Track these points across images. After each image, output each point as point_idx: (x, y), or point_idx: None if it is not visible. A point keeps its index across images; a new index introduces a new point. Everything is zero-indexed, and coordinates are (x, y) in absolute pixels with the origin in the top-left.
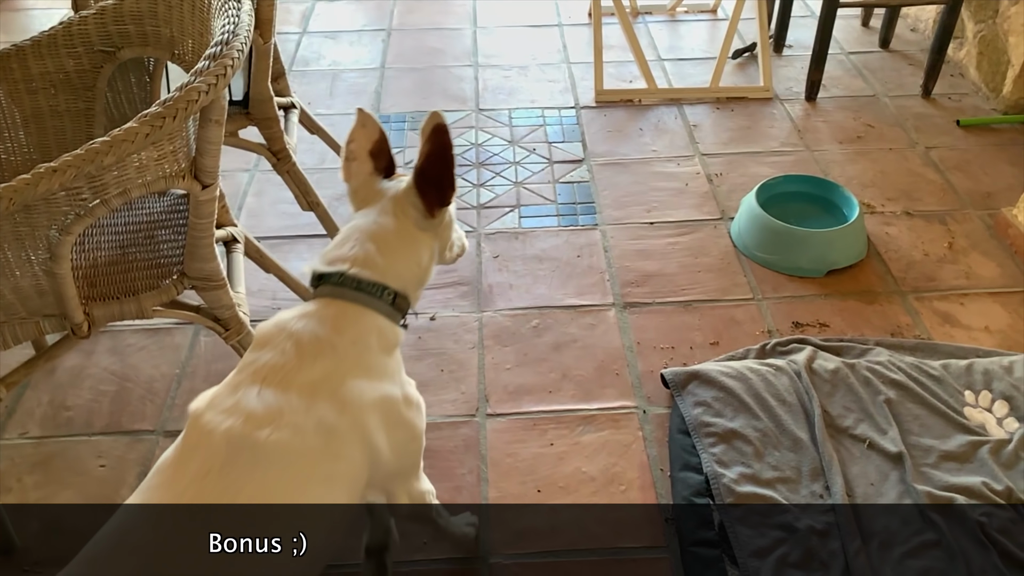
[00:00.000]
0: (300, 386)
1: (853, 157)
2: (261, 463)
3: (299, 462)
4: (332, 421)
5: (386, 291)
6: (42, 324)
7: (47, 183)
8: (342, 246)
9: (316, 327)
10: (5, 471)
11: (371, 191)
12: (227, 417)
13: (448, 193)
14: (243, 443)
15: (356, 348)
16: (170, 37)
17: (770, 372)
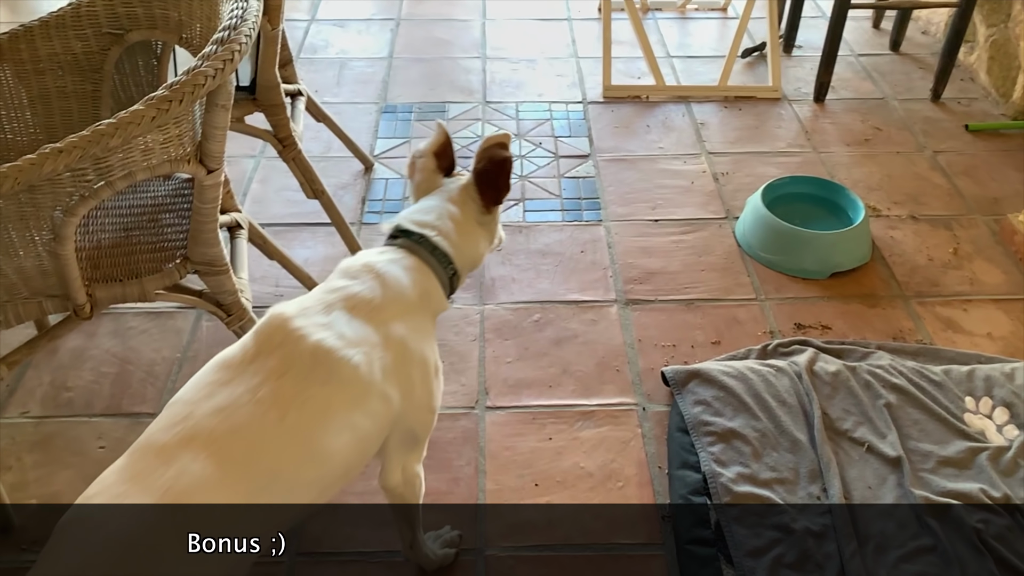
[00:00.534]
0: (379, 324)
1: (860, 160)
2: (334, 381)
3: (360, 392)
4: (392, 365)
5: (451, 265)
6: (45, 304)
7: (52, 164)
8: (427, 214)
9: (399, 273)
10: (5, 449)
11: (433, 185)
12: (320, 330)
13: (503, 194)
14: (328, 358)
15: (421, 303)
16: (178, 20)
17: (771, 373)
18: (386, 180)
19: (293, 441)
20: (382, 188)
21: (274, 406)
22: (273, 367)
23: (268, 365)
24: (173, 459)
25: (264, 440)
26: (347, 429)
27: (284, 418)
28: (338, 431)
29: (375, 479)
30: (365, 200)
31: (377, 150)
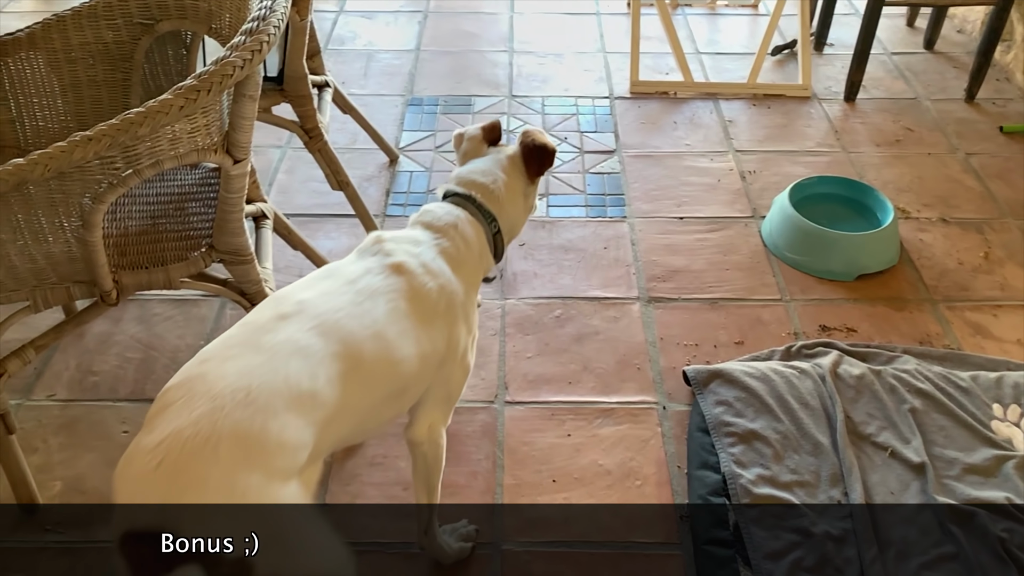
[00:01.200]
0: (452, 269)
1: (890, 161)
2: (412, 298)
3: (427, 316)
4: (449, 308)
5: (494, 222)
6: (72, 290)
7: (82, 151)
8: (481, 176)
9: (469, 230)
10: (31, 432)
11: (479, 153)
12: (413, 259)
13: (546, 168)
14: (414, 283)
15: (479, 260)
16: (208, 11)
17: (794, 375)
18: (411, 173)
19: (376, 332)
20: (407, 181)
21: (367, 299)
22: (368, 269)
23: (365, 267)
24: (279, 329)
25: (355, 325)
26: (414, 340)
27: (372, 310)
28: (408, 337)
29: (391, 471)
30: (389, 192)
31: (402, 143)
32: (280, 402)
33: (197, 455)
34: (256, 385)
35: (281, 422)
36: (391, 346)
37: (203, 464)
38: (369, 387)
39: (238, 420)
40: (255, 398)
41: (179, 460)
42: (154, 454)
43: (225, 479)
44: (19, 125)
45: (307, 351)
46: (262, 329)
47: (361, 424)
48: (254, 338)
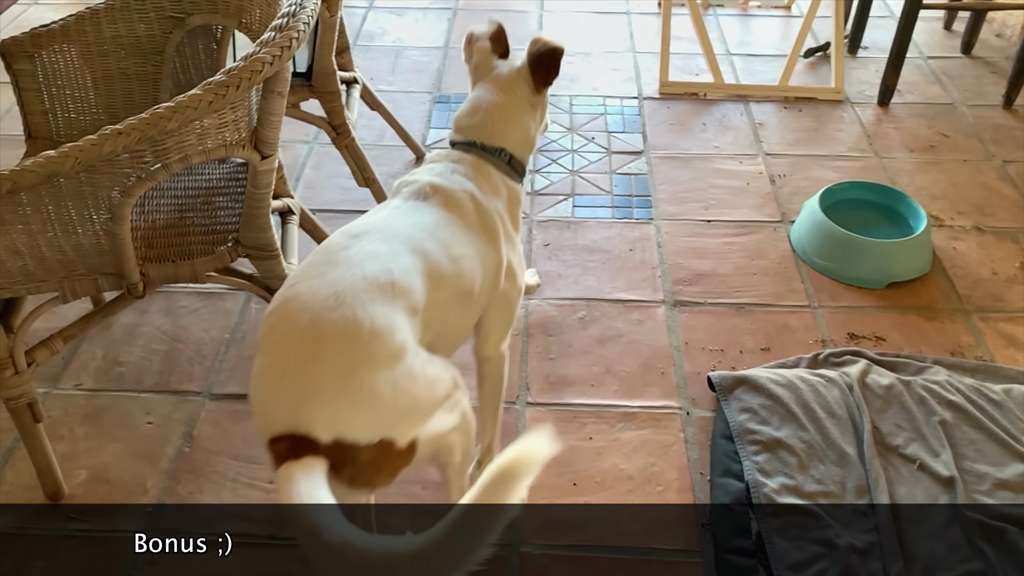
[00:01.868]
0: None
1: (924, 167)
2: (457, 211)
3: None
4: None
5: (503, 152)
6: (100, 282)
7: (112, 144)
8: (472, 116)
9: (468, 164)
10: (58, 420)
11: (488, 68)
12: (440, 178)
13: (552, 76)
14: (449, 198)
15: (490, 186)
16: (238, 5)
17: (821, 383)
18: None
19: (432, 234)
20: None
21: (415, 214)
22: (415, 195)
23: (402, 198)
24: (351, 245)
25: (414, 231)
26: (465, 241)
27: (422, 220)
28: (461, 243)
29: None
30: None
31: (429, 140)
32: (365, 296)
33: (310, 361)
34: (341, 289)
35: (370, 312)
36: (447, 245)
37: (317, 367)
38: (438, 282)
39: (335, 321)
40: (343, 299)
41: (297, 369)
42: (275, 370)
43: (337, 374)
44: (51, 116)
45: (378, 253)
46: (337, 247)
47: (441, 326)
48: (331, 257)
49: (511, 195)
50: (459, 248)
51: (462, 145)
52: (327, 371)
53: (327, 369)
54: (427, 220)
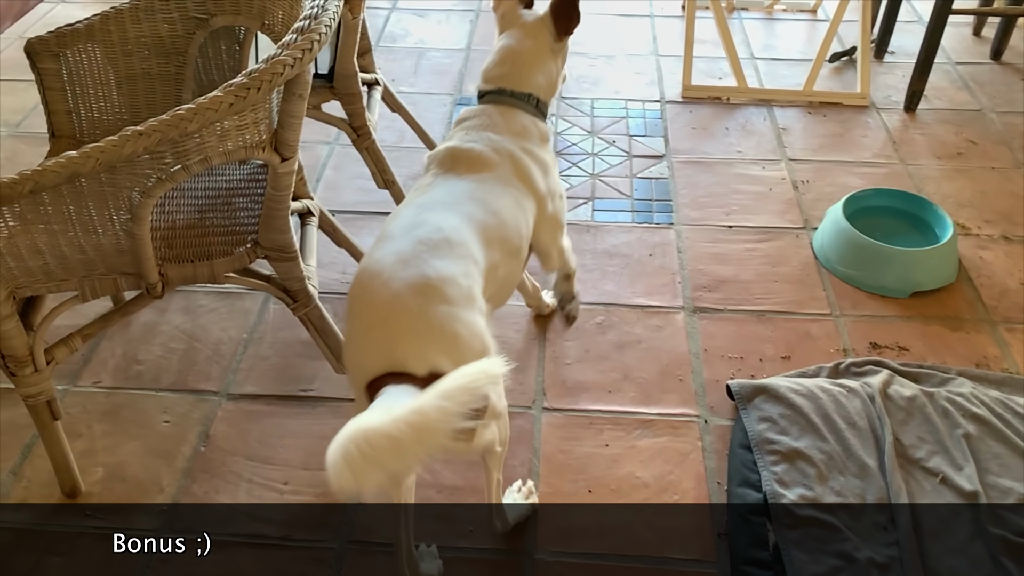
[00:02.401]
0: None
1: (951, 174)
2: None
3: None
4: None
5: (531, 97)
6: (120, 281)
7: (133, 146)
8: (500, 66)
9: (495, 114)
10: (77, 417)
11: (514, 17)
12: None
13: (574, 24)
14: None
15: (520, 127)
16: (261, 7)
17: (842, 393)
18: None
19: (471, 199)
20: None
21: (455, 185)
22: (443, 168)
23: (440, 168)
24: (401, 215)
25: (453, 200)
26: (505, 196)
27: (460, 188)
28: (498, 197)
29: (425, 474)
30: None
31: None
32: (425, 255)
33: (392, 313)
34: (403, 254)
35: (433, 266)
36: (486, 202)
37: (399, 316)
38: (487, 238)
39: (405, 279)
40: (407, 261)
41: (383, 324)
42: (362, 326)
43: (418, 317)
44: (75, 116)
45: (427, 220)
46: (390, 224)
47: (496, 275)
48: (385, 233)
49: (541, 134)
50: (498, 202)
51: (491, 95)
52: (408, 317)
53: (408, 315)
54: (461, 187)
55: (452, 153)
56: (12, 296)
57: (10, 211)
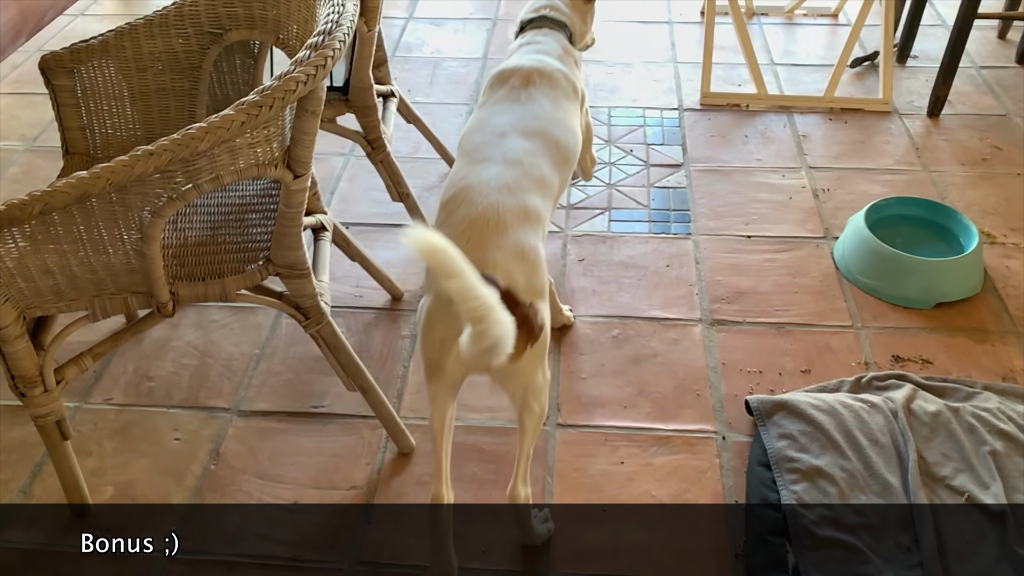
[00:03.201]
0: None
1: (975, 181)
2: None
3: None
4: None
5: (567, 28)
6: (130, 300)
7: (143, 166)
8: (538, 7)
9: (543, 38)
10: (88, 435)
11: None
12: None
13: None
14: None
15: (564, 50)
16: (276, 21)
17: (864, 409)
18: None
19: (551, 118)
20: None
21: (528, 104)
22: (522, 82)
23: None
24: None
25: (530, 121)
26: (571, 114)
27: (540, 107)
28: (568, 114)
29: None
30: None
31: None
32: (530, 188)
33: (495, 234)
34: (508, 182)
35: (532, 201)
36: (557, 121)
37: (499, 238)
38: (561, 158)
39: (509, 206)
40: (512, 190)
41: (482, 235)
42: (463, 236)
43: (514, 242)
44: (89, 132)
45: (516, 147)
46: (483, 145)
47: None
48: (484, 154)
49: (575, 59)
50: (568, 121)
51: (534, 21)
52: (507, 239)
53: (507, 238)
54: (536, 109)
55: (518, 73)
56: (22, 316)
57: (20, 231)
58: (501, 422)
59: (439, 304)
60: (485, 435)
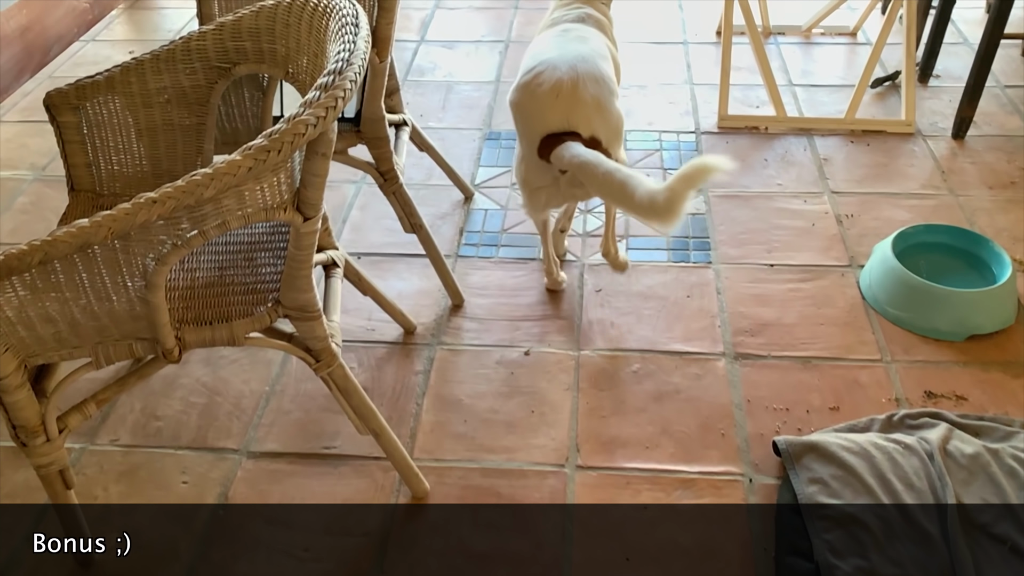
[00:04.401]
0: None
1: (1004, 205)
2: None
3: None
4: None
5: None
6: (135, 346)
7: (146, 214)
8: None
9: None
10: (93, 478)
11: None
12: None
13: None
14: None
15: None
16: (285, 55)
17: (898, 451)
18: (485, 211)
19: (585, 52)
20: (481, 219)
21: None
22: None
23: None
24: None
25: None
26: (607, 49)
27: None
28: (604, 58)
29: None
30: (463, 231)
31: (478, 179)
32: (598, 58)
33: (576, 92)
34: (582, 54)
35: (603, 68)
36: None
37: (581, 94)
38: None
39: (587, 69)
40: (587, 59)
41: (569, 92)
42: (551, 93)
43: (594, 97)
44: (95, 169)
45: (586, 39)
46: (550, 45)
47: None
48: (554, 43)
49: (610, 21)
50: (605, 50)
51: None
52: (587, 95)
53: (587, 94)
54: (587, 42)
55: (582, 14)
56: (23, 365)
57: (20, 280)
58: (518, 464)
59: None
60: (502, 478)
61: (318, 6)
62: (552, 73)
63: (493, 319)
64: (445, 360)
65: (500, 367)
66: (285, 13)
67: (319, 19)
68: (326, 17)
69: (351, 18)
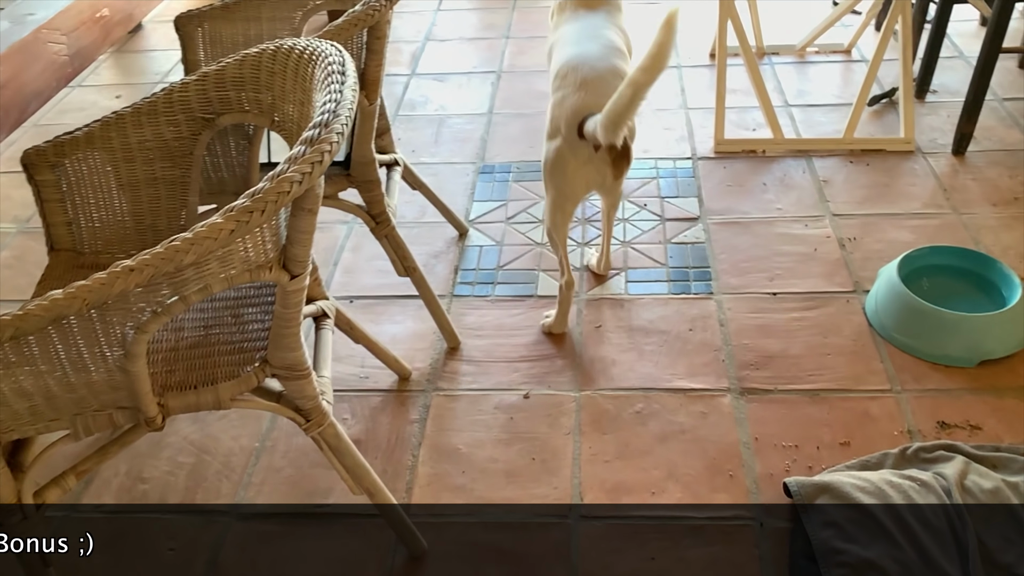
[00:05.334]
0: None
1: (1009, 222)
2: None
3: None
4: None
5: None
6: (115, 416)
7: (123, 283)
8: None
9: None
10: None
11: None
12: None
13: None
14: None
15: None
16: (271, 103)
17: (913, 488)
18: (480, 247)
19: (604, 40)
20: (476, 256)
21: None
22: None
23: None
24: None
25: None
26: (623, 40)
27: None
28: (618, 36)
29: None
30: (458, 269)
31: (472, 214)
32: (612, 55)
33: (600, 82)
34: (600, 51)
35: (618, 63)
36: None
37: (603, 85)
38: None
39: (605, 66)
40: (604, 56)
41: (591, 83)
42: (582, 85)
43: (610, 88)
44: (75, 227)
45: (601, 35)
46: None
47: None
48: (577, 36)
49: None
50: (622, 48)
51: None
52: (607, 86)
53: (607, 85)
54: (603, 32)
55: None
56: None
57: None
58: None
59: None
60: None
61: (303, 53)
62: (585, 71)
63: (490, 361)
64: (441, 407)
65: (499, 412)
66: (270, 61)
67: (304, 66)
68: (312, 64)
69: (337, 65)
